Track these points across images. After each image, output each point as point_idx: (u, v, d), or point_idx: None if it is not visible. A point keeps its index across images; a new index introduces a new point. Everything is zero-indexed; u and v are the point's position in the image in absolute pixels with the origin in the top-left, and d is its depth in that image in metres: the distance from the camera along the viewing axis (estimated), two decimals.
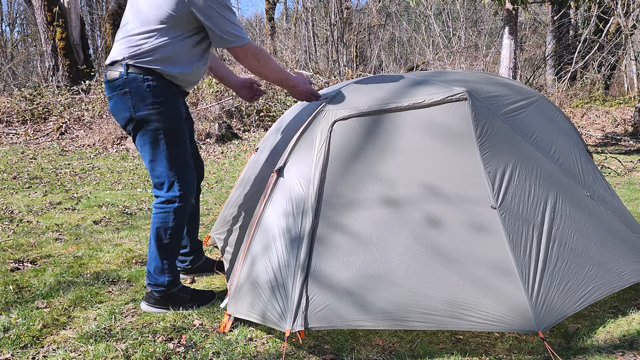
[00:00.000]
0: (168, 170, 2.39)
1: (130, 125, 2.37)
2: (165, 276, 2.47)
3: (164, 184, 2.42)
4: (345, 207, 2.19)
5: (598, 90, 12.35)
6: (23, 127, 9.09)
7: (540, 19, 16.38)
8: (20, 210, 4.48)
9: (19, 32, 22.80)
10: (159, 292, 2.48)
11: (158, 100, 2.32)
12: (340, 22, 12.85)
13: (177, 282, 2.54)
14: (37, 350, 2.13)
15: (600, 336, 2.27)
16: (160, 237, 2.44)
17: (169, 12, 2.25)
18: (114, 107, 2.39)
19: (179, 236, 2.51)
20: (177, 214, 2.43)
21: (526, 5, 8.15)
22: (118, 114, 2.39)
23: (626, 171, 6.38)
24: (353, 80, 2.69)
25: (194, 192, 2.52)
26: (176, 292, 2.51)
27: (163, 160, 2.38)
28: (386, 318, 2.05)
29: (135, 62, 2.30)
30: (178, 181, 2.41)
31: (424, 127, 2.30)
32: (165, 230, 2.44)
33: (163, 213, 2.43)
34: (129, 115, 2.34)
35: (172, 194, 2.42)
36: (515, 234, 2.14)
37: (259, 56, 2.38)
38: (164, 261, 2.46)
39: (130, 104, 2.32)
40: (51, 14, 10.11)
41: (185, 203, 2.45)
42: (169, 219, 2.43)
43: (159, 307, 2.50)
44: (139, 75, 2.30)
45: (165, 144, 2.36)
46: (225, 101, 9.58)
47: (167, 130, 2.35)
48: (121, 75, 2.31)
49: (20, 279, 2.88)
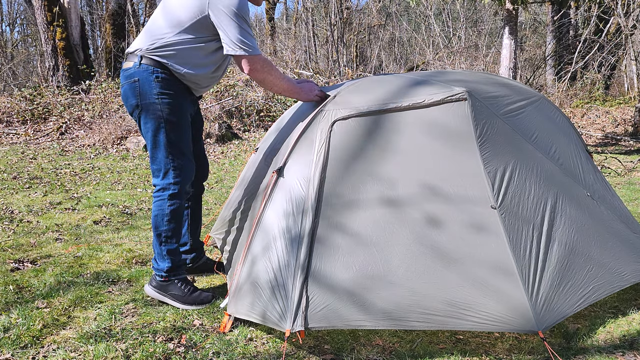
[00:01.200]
0: (165, 158, 2.49)
1: (136, 112, 2.48)
2: (165, 262, 2.56)
3: (160, 170, 2.51)
4: (345, 207, 2.19)
5: (598, 90, 12.35)
6: (23, 127, 9.09)
7: (540, 19, 16.38)
8: (20, 210, 4.48)
9: (19, 32, 22.82)
10: (160, 277, 2.57)
11: (164, 92, 2.42)
12: (341, 22, 12.85)
13: (179, 271, 2.60)
14: (37, 350, 2.13)
15: (600, 336, 2.26)
16: (157, 225, 2.54)
17: (194, 13, 2.33)
18: (124, 94, 2.51)
19: (177, 224, 2.57)
20: (173, 201, 2.52)
21: (526, 5, 8.15)
22: (127, 100, 2.50)
23: (626, 171, 6.38)
24: (353, 80, 2.69)
25: (189, 182, 2.59)
26: (176, 282, 2.57)
27: (162, 148, 2.47)
28: (386, 318, 2.05)
29: (149, 54, 2.41)
30: (174, 169, 2.50)
31: (424, 127, 2.30)
32: (162, 218, 2.53)
33: (159, 201, 2.53)
34: (135, 103, 2.46)
35: (167, 181, 2.51)
36: (515, 234, 2.14)
37: (269, 70, 2.42)
38: (162, 247, 2.56)
39: (137, 92, 2.43)
40: (51, 14, 10.11)
41: (181, 191, 2.54)
42: (165, 206, 2.52)
43: (158, 292, 2.59)
44: (150, 67, 2.41)
45: (165, 132, 2.46)
46: (225, 101, 9.58)
47: (169, 120, 2.45)
48: (134, 65, 2.43)
49: (21, 279, 2.88)
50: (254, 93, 9.90)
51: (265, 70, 2.40)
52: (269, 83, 2.44)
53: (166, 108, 2.43)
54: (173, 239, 2.57)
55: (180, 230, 2.63)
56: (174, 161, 2.49)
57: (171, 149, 2.48)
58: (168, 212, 2.52)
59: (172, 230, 2.55)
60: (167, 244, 2.56)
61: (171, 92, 2.43)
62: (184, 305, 2.54)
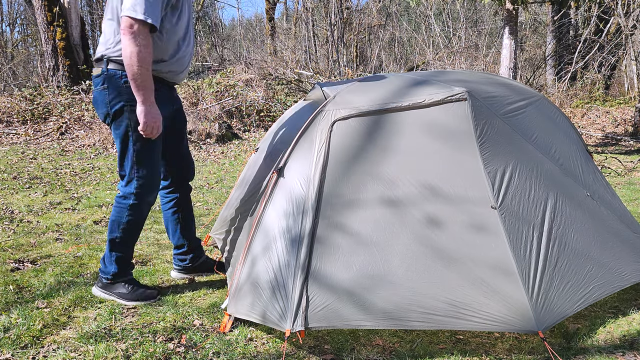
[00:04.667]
0: (131, 167, 2.44)
1: (108, 119, 2.43)
2: (112, 266, 2.57)
3: (125, 177, 2.48)
4: (345, 207, 2.19)
5: (598, 90, 12.35)
6: (23, 127, 9.09)
7: (541, 19, 16.38)
8: (20, 210, 4.48)
9: (19, 32, 22.81)
10: (105, 279, 2.59)
11: (133, 97, 2.32)
12: (341, 22, 12.85)
13: (125, 274, 2.61)
14: (37, 350, 2.13)
15: (600, 336, 2.26)
16: (112, 230, 2.53)
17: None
18: (94, 102, 2.46)
19: (132, 234, 2.55)
20: (132, 212, 2.49)
21: (526, 5, 8.15)
22: (97, 108, 2.46)
23: (626, 171, 6.38)
24: (353, 80, 2.69)
25: (152, 194, 2.54)
26: (120, 284, 2.60)
27: (129, 157, 2.43)
28: (386, 318, 2.05)
29: (113, 55, 2.34)
30: (137, 179, 2.46)
31: (424, 127, 2.30)
32: (117, 225, 2.51)
33: (118, 207, 2.51)
34: (106, 110, 2.41)
35: (129, 190, 2.47)
36: (515, 234, 2.14)
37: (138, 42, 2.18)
38: (113, 253, 2.55)
39: (107, 99, 2.38)
40: (51, 14, 10.11)
41: (141, 202, 2.49)
42: (123, 215, 2.50)
43: (104, 292, 2.61)
44: (118, 71, 2.34)
45: (132, 141, 2.41)
46: (226, 101, 9.58)
47: (137, 129, 2.36)
48: (102, 71, 2.37)
49: (21, 279, 2.88)
50: (254, 93, 9.90)
51: (136, 42, 2.18)
52: (128, 55, 2.20)
53: (135, 117, 2.33)
54: (124, 247, 2.56)
55: (135, 239, 2.60)
56: (138, 171, 2.44)
57: (137, 158, 2.42)
58: (125, 222, 2.50)
59: (126, 238, 2.53)
60: (117, 251, 2.55)
61: None
62: (128, 302, 2.56)
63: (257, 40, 22.74)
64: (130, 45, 2.19)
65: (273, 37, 16.63)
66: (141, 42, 2.19)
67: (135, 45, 2.19)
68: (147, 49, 2.22)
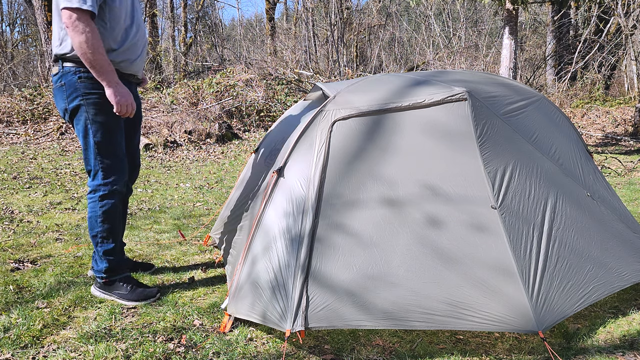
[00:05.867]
0: (94, 159, 2.47)
1: (67, 115, 2.47)
2: (102, 263, 2.58)
3: (91, 172, 2.51)
4: (345, 207, 2.19)
5: (598, 90, 12.36)
6: (23, 127, 9.09)
7: (541, 19, 16.38)
8: (20, 210, 4.48)
9: (19, 32, 22.81)
10: (100, 277, 2.61)
11: (89, 92, 2.39)
12: (341, 22, 12.85)
13: (118, 270, 2.61)
14: (37, 350, 2.13)
15: (600, 336, 2.26)
16: (92, 227, 2.56)
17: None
18: (55, 99, 2.50)
19: (111, 224, 2.56)
20: (104, 203, 2.51)
21: (526, 5, 8.15)
22: (57, 105, 2.50)
23: (626, 171, 6.38)
24: (353, 80, 2.69)
25: (121, 182, 2.55)
26: (117, 281, 2.60)
27: (91, 149, 2.47)
28: (386, 318, 2.05)
29: (63, 54, 2.38)
30: (102, 170, 2.49)
31: (424, 127, 2.30)
32: (95, 220, 2.54)
33: (91, 202, 2.54)
34: (64, 106, 2.45)
35: (97, 183, 2.51)
36: (515, 234, 2.14)
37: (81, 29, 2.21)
38: (99, 248, 2.57)
39: (65, 96, 2.42)
40: (51, 14, 10.11)
41: (110, 191, 2.52)
42: (97, 207, 2.52)
43: (103, 292, 2.63)
44: (72, 67, 2.39)
45: (92, 134, 2.44)
46: (225, 101, 9.59)
47: (95, 121, 2.42)
48: (59, 69, 2.42)
49: (21, 279, 2.88)
50: (254, 93, 9.90)
51: (80, 30, 2.21)
52: (77, 45, 2.24)
53: (92, 109, 2.40)
54: (109, 239, 2.57)
55: (117, 231, 2.61)
56: (102, 162, 2.47)
57: (99, 150, 2.45)
58: (100, 214, 2.52)
59: (106, 231, 2.55)
60: (103, 245, 2.56)
61: (97, 91, 2.38)
62: (128, 302, 2.57)
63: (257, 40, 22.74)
64: (76, 35, 2.23)
65: (273, 37, 16.63)
66: (85, 29, 2.23)
67: (80, 33, 2.22)
68: (93, 34, 2.25)
